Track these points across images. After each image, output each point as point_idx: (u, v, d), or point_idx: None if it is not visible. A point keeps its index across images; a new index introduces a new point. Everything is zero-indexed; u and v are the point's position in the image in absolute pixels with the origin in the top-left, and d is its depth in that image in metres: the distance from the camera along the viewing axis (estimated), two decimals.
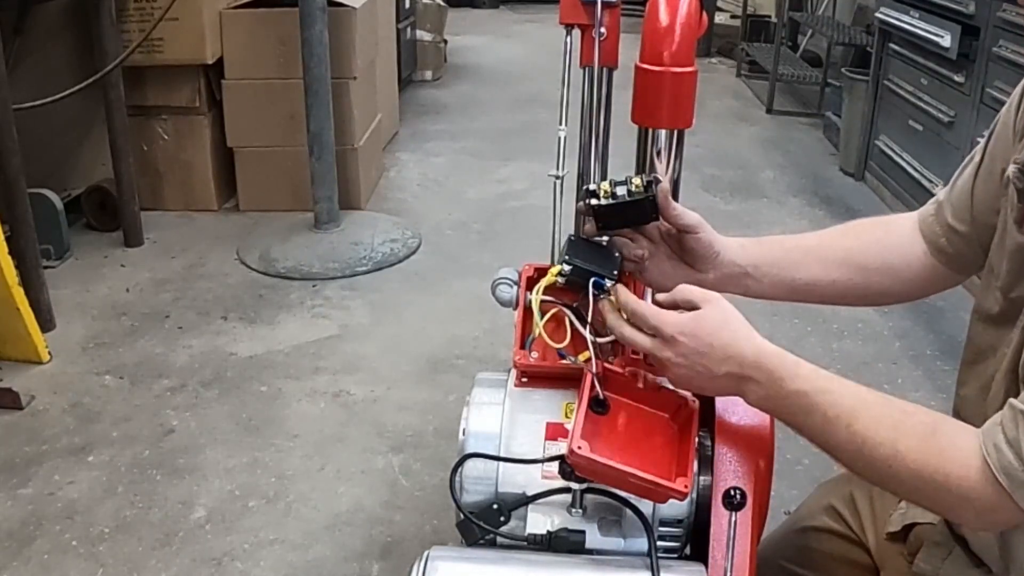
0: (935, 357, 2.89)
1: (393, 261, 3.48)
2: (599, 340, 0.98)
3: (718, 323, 0.91)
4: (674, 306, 0.94)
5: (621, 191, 0.99)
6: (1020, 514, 0.84)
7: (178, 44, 3.55)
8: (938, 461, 0.84)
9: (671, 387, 0.97)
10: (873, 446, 0.86)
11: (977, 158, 1.06)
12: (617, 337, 0.95)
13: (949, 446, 0.85)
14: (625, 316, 0.95)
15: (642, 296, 1.11)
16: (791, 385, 0.89)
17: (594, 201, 0.99)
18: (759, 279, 1.11)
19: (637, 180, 1.00)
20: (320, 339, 2.92)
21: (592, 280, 0.97)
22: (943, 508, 0.89)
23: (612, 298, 0.96)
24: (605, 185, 0.99)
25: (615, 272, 0.99)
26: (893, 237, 1.13)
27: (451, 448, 1.01)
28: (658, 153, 1.10)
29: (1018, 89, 1.01)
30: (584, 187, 1.02)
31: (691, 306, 0.93)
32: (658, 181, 1.00)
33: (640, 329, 0.93)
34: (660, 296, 0.96)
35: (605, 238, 1.04)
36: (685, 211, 1.04)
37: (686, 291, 0.95)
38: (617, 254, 1.02)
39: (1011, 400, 0.84)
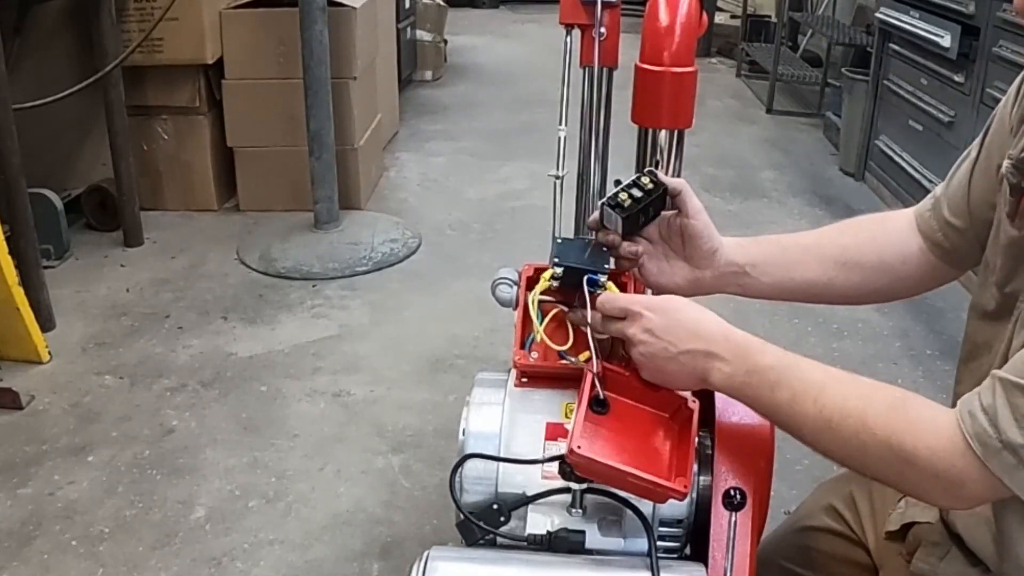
0: (935, 357, 2.88)
1: (393, 261, 3.48)
2: (600, 337, 0.98)
3: (684, 304, 0.96)
4: None
5: (637, 193, 1.02)
6: (988, 489, 0.82)
7: (178, 44, 3.55)
8: (907, 431, 0.83)
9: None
10: (841, 418, 0.86)
11: (974, 153, 1.06)
12: (592, 327, 0.97)
13: (919, 417, 0.84)
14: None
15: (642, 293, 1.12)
16: (760, 360, 0.90)
17: (620, 210, 1.01)
18: (757, 278, 1.11)
19: (645, 179, 1.02)
20: (320, 339, 2.92)
21: (585, 278, 0.98)
22: (911, 483, 0.87)
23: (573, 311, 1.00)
24: (622, 194, 1.02)
25: (607, 267, 1.00)
26: (890, 234, 1.13)
27: (451, 448, 1.01)
28: (658, 153, 1.11)
29: (1015, 84, 1.01)
30: (601, 202, 1.04)
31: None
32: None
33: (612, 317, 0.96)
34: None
35: (591, 236, 1.06)
36: (691, 195, 1.08)
37: (643, 297, 0.99)
38: (606, 249, 1.04)
39: (993, 371, 0.84)
